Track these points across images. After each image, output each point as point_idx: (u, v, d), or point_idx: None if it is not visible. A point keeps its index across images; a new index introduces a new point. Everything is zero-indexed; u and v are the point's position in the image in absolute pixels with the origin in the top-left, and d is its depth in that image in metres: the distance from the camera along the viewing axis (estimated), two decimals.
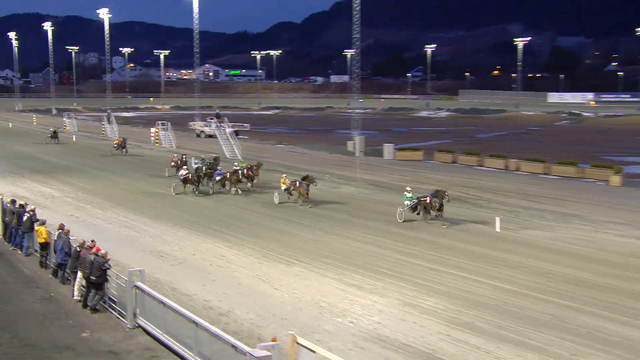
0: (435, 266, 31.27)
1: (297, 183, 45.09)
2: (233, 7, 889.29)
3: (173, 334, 19.83)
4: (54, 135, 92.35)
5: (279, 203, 45.78)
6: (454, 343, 21.80)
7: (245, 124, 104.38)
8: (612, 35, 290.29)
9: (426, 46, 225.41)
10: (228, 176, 50.10)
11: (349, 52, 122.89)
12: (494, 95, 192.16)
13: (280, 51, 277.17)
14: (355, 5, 73.85)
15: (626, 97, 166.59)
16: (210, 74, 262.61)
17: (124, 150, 76.36)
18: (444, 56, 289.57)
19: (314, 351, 15.44)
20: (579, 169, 64.36)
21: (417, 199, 40.76)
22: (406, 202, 41.07)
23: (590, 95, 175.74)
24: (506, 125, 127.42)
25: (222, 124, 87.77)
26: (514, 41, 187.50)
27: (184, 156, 57.41)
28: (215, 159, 54.70)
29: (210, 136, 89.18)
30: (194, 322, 18.64)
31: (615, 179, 60.11)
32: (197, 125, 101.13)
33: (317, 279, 28.76)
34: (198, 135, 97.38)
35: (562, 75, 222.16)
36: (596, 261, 32.63)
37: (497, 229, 38.17)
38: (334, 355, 15.57)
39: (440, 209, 39.69)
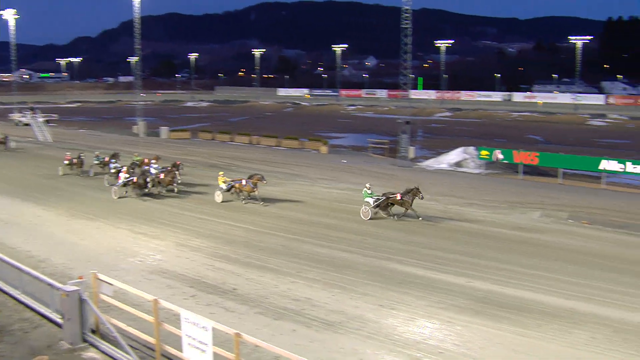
0: (201, 216, 31.04)
1: (244, 181, 34.65)
2: (41, 23, 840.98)
3: (2, 278, 18.65)
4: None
5: (222, 202, 34.45)
6: (216, 270, 21.79)
7: (54, 115, 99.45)
8: (319, 49, 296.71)
9: (190, 54, 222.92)
10: (162, 177, 36.64)
11: (132, 59, 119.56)
12: (240, 90, 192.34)
13: (81, 58, 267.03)
14: (136, 24, 75.08)
15: (328, 92, 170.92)
16: (26, 76, 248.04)
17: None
18: (203, 62, 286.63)
19: (111, 284, 15.04)
20: (300, 142, 65.51)
21: (382, 195, 31.29)
22: (367, 199, 31.35)
23: (305, 90, 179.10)
24: (249, 111, 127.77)
25: (35, 115, 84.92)
26: (253, 52, 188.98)
27: (81, 155, 45.70)
28: (114, 155, 44.13)
29: (26, 125, 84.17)
30: (17, 268, 17.65)
31: (324, 149, 61.70)
32: (16, 116, 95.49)
33: (114, 230, 27.89)
34: (17, 124, 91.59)
35: (286, 76, 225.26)
36: (312, 206, 33.40)
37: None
38: (128, 285, 15.21)
39: (410, 206, 30.55)
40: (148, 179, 35.67)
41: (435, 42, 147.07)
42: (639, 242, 27.63)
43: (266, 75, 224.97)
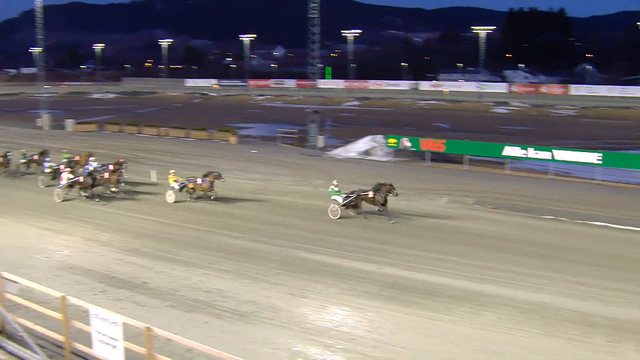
0: (110, 210, 30.54)
1: (199, 180, 32.56)
2: None
3: None
4: None
5: (174, 202, 32.14)
6: (126, 265, 21.50)
7: None
8: (226, 39, 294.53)
9: (95, 45, 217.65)
10: (107, 177, 33.64)
11: (35, 50, 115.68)
12: (148, 81, 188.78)
13: None
14: (38, 14, 72.56)
15: (237, 82, 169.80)
16: None
17: None
18: (109, 52, 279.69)
19: (16, 282, 14.57)
20: (209, 133, 64.89)
21: (352, 193, 29.49)
22: (335, 197, 29.52)
23: (214, 81, 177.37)
24: (157, 103, 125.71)
25: None
26: (160, 42, 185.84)
27: (7, 153, 41.96)
28: (43, 152, 40.15)
29: None
30: None
31: (233, 139, 61.32)
32: None
33: (19, 227, 27.09)
34: None
35: (194, 67, 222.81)
36: (222, 197, 33.10)
37: (154, 178, 37.68)
38: (34, 283, 14.80)
39: (384, 204, 28.79)
40: (98, 178, 33.10)
41: (343, 31, 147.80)
42: (541, 225, 28.62)
43: (174, 66, 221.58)
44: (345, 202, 29.20)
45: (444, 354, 14.94)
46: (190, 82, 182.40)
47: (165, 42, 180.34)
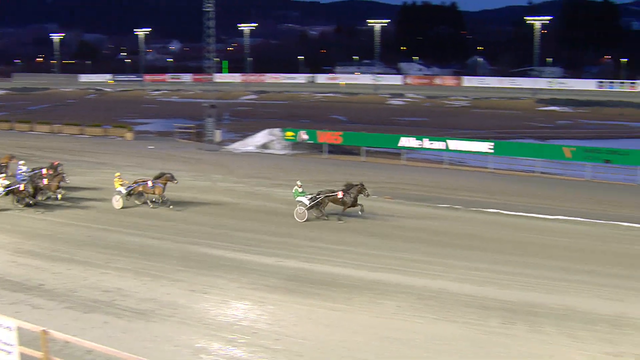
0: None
1: (150, 183, 29.49)
2: None
3: None
4: None
5: (122, 208, 29.47)
6: (20, 267, 20.83)
7: None
8: (121, 33, 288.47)
9: None
10: (46, 183, 29.63)
11: None
12: (40, 77, 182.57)
13: None
14: None
15: (132, 77, 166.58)
16: None
17: None
18: None
19: None
20: (104, 129, 63.46)
21: (319, 193, 27.87)
22: (300, 199, 27.73)
23: (109, 76, 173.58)
24: (50, 99, 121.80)
25: None
26: (51, 36, 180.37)
27: None
28: None
29: None
30: None
31: (129, 135, 60.27)
32: None
33: None
34: None
35: (88, 62, 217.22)
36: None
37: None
38: None
39: (354, 205, 27.37)
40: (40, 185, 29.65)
41: (239, 25, 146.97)
42: (437, 213, 29.39)
43: (66, 62, 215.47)
44: (312, 203, 27.46)
45: (345, 344, 15.14)
46: (84, 78, 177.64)
47: (56, 37, 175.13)
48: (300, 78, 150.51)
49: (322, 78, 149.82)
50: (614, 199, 34.14)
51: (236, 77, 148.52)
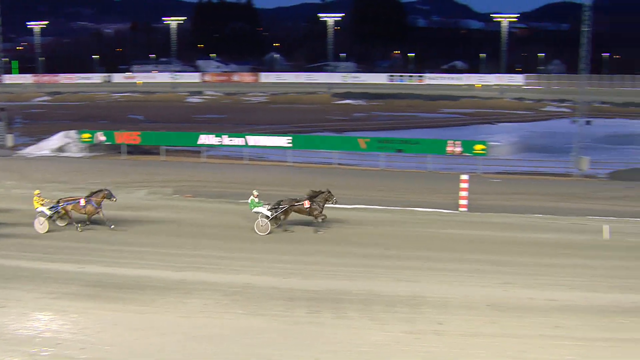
0: None
1: (83, 201, 25.43)
2: None
3: None
4: None
5: (47, 232, 25.20)
6: None
7: None
8: None
9: None
10: None
11: None
12: None
13: None
14: None
15: None
16: None
17: None
18: None
19: None
20: None
21: (279, 203, 25.54)
22: (258, 209, 25.26)
23: None
24: None
25: None
26: None
27: None
28: None
29: None
30: None
31: None
32: None
33: None
34: None
35: None
36: None
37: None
38: None
39: (319, 213, 25.47)
40: None
41: (28, 23, 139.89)
42: (233, 208, 29.56)
43: None
44: (276, 214, 25.34)
45: (152, 346, 14.90)
46: None
47: None
48: (96, 78, 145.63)
49: (118, 77, 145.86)
50: (408, 186, 36.03)
51: (28, 78, 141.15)
